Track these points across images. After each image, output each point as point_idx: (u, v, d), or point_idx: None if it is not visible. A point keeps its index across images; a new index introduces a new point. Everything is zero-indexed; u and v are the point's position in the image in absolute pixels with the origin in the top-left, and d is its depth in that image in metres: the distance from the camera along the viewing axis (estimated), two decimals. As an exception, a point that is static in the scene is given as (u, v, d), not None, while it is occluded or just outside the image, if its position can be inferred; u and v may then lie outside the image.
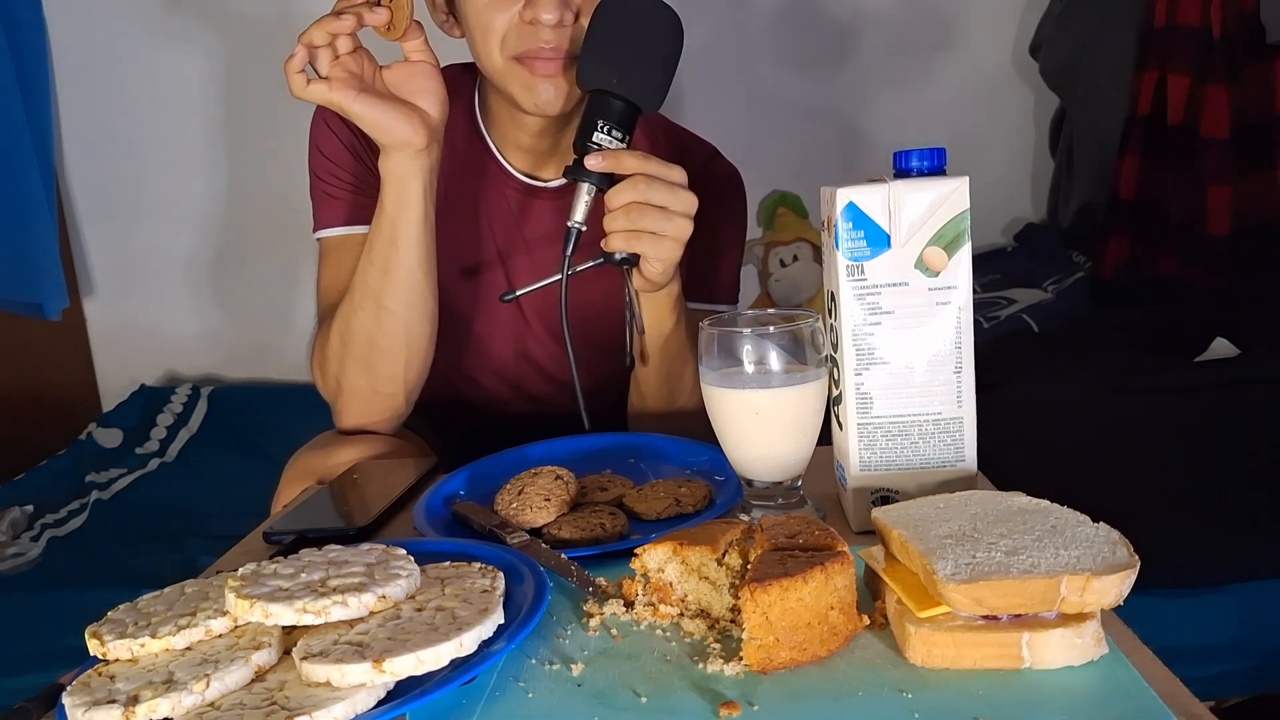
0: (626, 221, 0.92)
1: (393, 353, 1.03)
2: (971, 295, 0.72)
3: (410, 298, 1.01)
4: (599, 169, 0.93)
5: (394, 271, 1.00)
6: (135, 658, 0.57)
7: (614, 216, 0.93)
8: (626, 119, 0.95)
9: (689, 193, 0.94)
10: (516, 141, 1.12)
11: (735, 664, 0.56)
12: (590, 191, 0.95)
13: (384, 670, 0.51)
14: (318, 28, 0.90)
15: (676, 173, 0.93)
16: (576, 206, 0.96)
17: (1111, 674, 0.53)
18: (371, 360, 1.03)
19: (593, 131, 0.94)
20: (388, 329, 1.02)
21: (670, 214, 0.93)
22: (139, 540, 1.69)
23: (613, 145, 0.94)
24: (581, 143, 0.95)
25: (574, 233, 0.97)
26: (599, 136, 0.94)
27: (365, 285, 1.01)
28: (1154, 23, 1.93)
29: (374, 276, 1.00)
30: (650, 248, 0.93)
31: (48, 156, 2.15)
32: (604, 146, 0.94)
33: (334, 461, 1.01)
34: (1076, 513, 0.60)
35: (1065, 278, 2.07)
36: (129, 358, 2.34)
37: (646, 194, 0.92)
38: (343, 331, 1.04)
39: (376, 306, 1.01)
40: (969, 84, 2.29)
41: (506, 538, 0.74)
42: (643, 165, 0.92)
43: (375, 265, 1.00)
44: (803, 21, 2.25)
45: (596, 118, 0.95)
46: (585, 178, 0.94)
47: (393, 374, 1.04)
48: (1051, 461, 1.32)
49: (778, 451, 0.75)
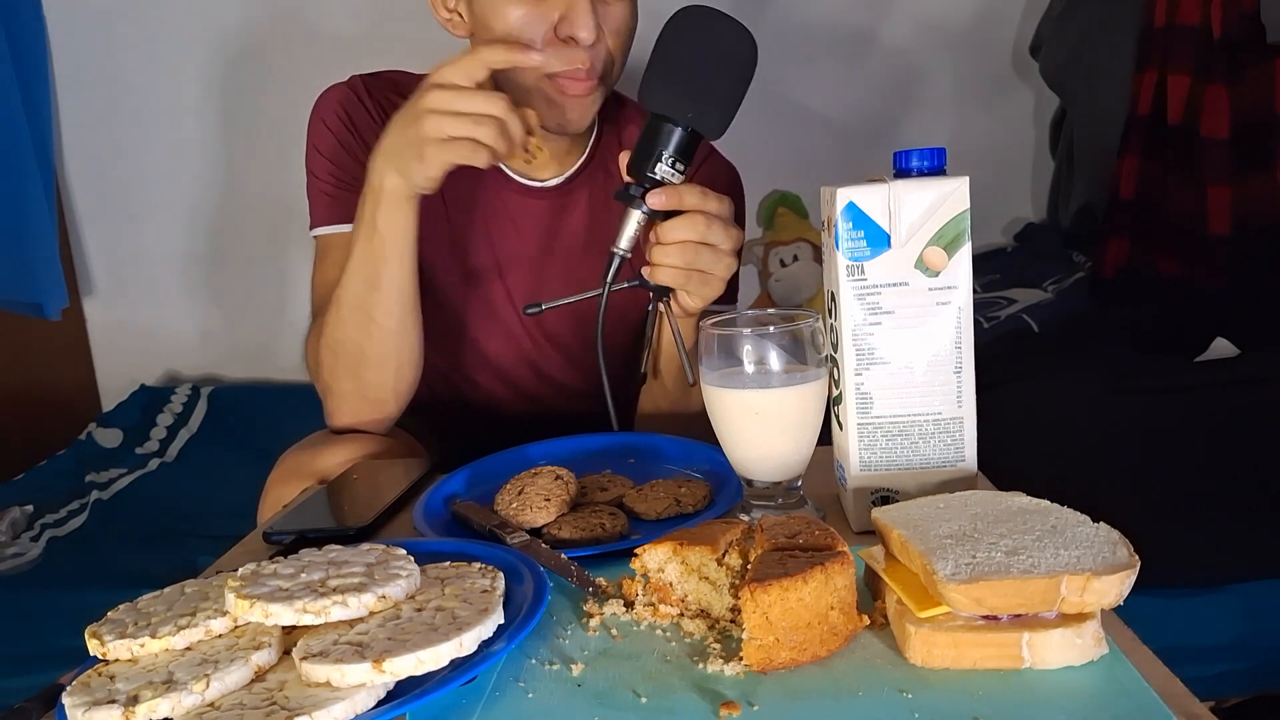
0: (680, 259, 0.90)
1: (382, 364, 1.02)
2: (971, 295, 0.72)
3: (400, 311, 1.00)
4: (663, 207, 0.90)
5: (384, 288, 0.98)
6: (135, 658, 0.57)
7: (666, 251, 0.90)
8: (690, 150, 0.90)
9: (738, 229, 0.92)
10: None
11: (735, 664, 0.56)
12: (641, 221, 0.92)
13: (384, 670, 0.51)
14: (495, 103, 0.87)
15: (728, 207, 0.91)
16: (623, 234, 0.92)
17: (1111, 674, 0.53)
18: (360, 370, 1.03)
19: (655, 162, 0.89)
20: (377, 341, 1.01)
21: (720, 254, 0.91)
22: (139, 540, 1.69)
23: (675, 179, 0.90)
24: (641, 171, 0.90)
25: (617, 259, 0.94)
26: (662, 170, 0.89)
27: (354, 299, 1.00)
28: (1154, 23, 1.93)
29: (363, 291, 0.99)
30: (700, 287, 0.92)
31: (48, 156, 2.15)
32: (665, 180, 0.90)
33: (321, 462, 1.01)
34: (1076, 513, 0.60)
35: (1065, 278, 2.07)
36: (129, 358, 2.34)
37: (705, 234, 0.89)
38: (331, 342, 1.03)
39: (366, 320, 1.00)
40: (969, 84, 2.29)
41: (506, 538, 0.74)
42: (702, 203, 0.90)
43: (364, 280, 0.98)
44: (803, 22, 2.25)
45: (659, 148, 0.89)
46: (638, 205, 0.91)
47: (381, 382, 1.04)
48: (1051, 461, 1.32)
49: (778, 451, 0.75)
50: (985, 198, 0.79)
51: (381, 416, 1.07)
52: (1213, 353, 1.61)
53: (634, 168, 0.91)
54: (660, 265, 0.91)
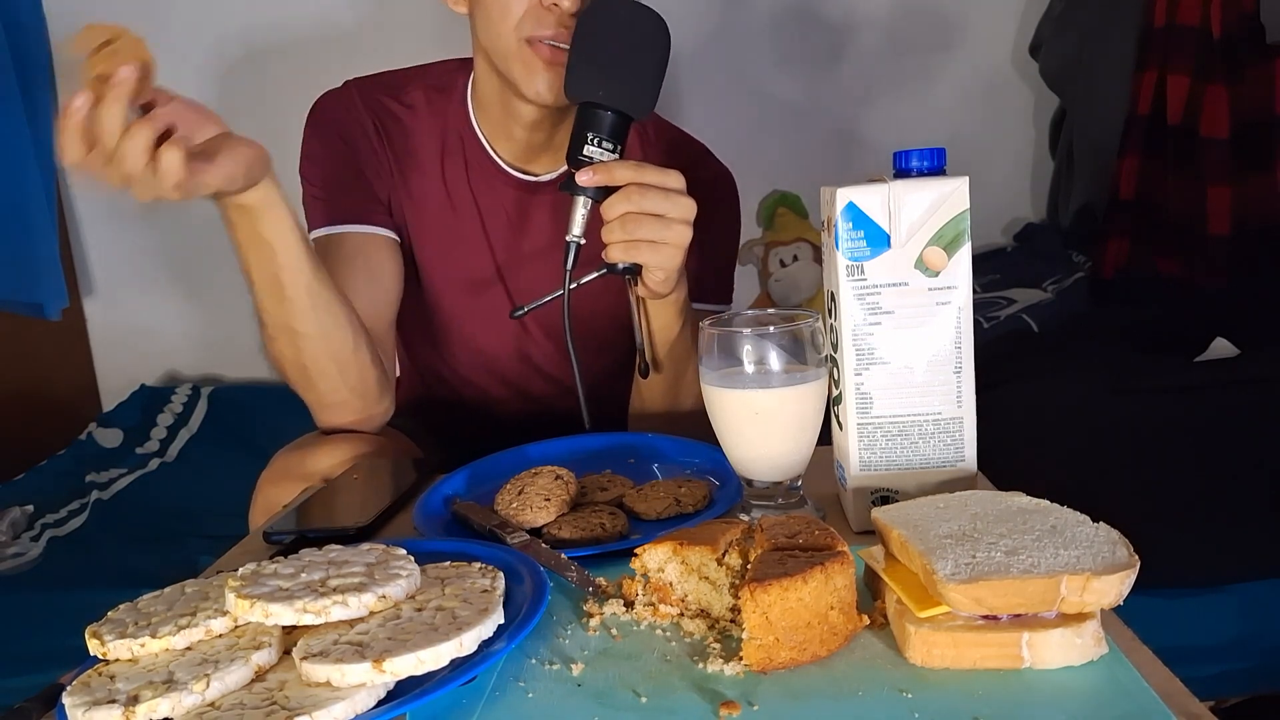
0: (623, 233, 0.91)
1: (323, 370, 1.00)
2: (971, 295, 0.72)
3: (317, 313, 0.96)
4: (591, 184, 0.92)
5: (292, 295, 0.94)
6: (135, 658, 0.57)
7: (611, 228, 0.92)
8: (617, 129, 0.94)
9: (687, 198, 0.92)
10: (509, 136, 1.12)
11: (735, 664, 0.56)
12: (586, 205, 0.94)
13: (384, 670, 0.51)
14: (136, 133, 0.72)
15: (673, 178, 0.92)
16: (574, 221, 0.94)
17: (1111, 674, 0.53)
18: (308, 380, 1.01)
19: (583, 145, 0.93)
20: (309, 352, 0.98)
21: (668, 221, 0.92)
22: (139, 540, 1.69)
23: (605, 157, 0.93)
24: (573, 156, 0.94)
25: (573, 247, 0.95)
26: (590, 150, 0.93)
27: (270, 317, 0.96)
28: (1154, 23, 1.93)
29: (273, 306, 0.95)
30: (650, 256, 0.92)
31: (48, 157, 2.14)
32: (595, 159, 0.93)
33: (312, 463, 1.00)
34: (1076, 513, 0.60)
35: (1065, 278, 2.07)
36: (129, 358, 2.34)
37: (641, 203, 0.91)
38: (273, 361, 1.02)
39: (290, 333, 0.97)
40: (969, 84, 2.29)
41: (506, 538, 0.74)
42: (636, 174, 0.91)
43: (271, 296, 0.94)
44: (803, 21, 2.25)
45: (586, 130, 0.93)
46: (580, 191, 0.93)
47: (332, 386, 1.02)
48: (1051, 461, 1.32)
49: (778, 451, 0.75)
50: (985, 198, 0.79)
51: (357, 416, 1.06)
52: (1213, 353, 1.61)
53: (568, 157, 0.94)
54: (609, 243, 0.93)
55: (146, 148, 0.73)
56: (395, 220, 1.14)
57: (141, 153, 0.73)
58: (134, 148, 0.72)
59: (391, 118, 1.14)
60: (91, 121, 0.72)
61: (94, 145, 0.73)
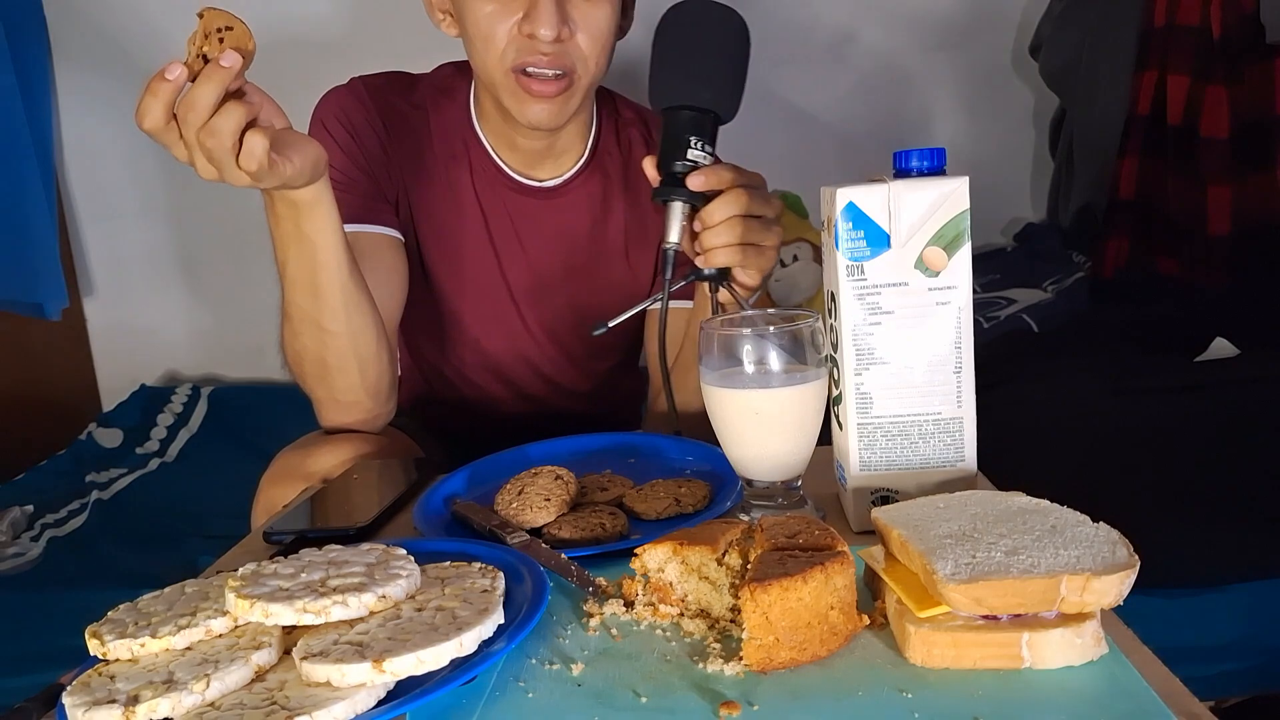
0: (730, 236, 0.90)
1: (345, 368, 1.01)
2: (971, 295, 0.72)
3: (348, 313, 0.98)
4: (703, 188, 0.90)
5: (325, 294, 0.96)
6: (135, 658, 0.57)
7: (716, 232, 0.90)
8: (713, 132, 0.92)
9: (777, 200, 0.93)
10: (510, 142, 1.12)
11: (735, 664, 0.56)
12: (685, 212, 0.91)
13: (384, 670, 0.51)
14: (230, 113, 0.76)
15: (761, 178, 0.92)
16: (671, 227, 0.92)
17: (1111, 674, 0.53)
18: (326, 377, 1.02)
19: (686, 149, 0.90)
20: (334, 349, 0.99)
21: (768, 223, 0.91)
22: (139, 540, 1.69)
23: (707, 160, 0.91)
24: (673, 162, 0.91)
25: (671, 254, 0.93)
26: (694, 154, 0.90)
27: (300, 312, 0.98)
28: (1154, 23, 1.93)
29: (306, 302, 0.97)
30: (755, 259, 0.91)
31: (48, 156, 2.15)
32: (700, 163, 0.91)
33: (314, 463, 1.00)
34: (1076, 513, 0.60)
35: (1065, 278, 2.07)
36: (129, 358, 2.34)
37: (749, 206, 0.89)
38: (293, 353, 1.02)
39: (318, 329, 0.98)
40: (969, 84, 2.29)
41: (506, 538, 0.74)
42: (739, 178, 0.90)
43: (305, 292, 0.96)
44: (803, 21, 2.25)
45: (686, 134, 0.90)
46: (680, 196, 0.90)
47: (350, 385, 1.02)
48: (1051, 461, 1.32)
49: (778, 451, 0.75)
50: (985, 198, 0.79)
51: (365, 416, 1.06)
52: (1213, 353, 1.61)
53: (663, 164, 0.92)
54: (713, 248, 0.91)
55: (236, 129, 0.76)
56: (402, 220, 1.14)
57: (231, 132, 0.76)
58: (225, 126, 0.76)
59: (399, 117, 1.14)
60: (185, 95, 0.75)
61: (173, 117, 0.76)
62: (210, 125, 0.75)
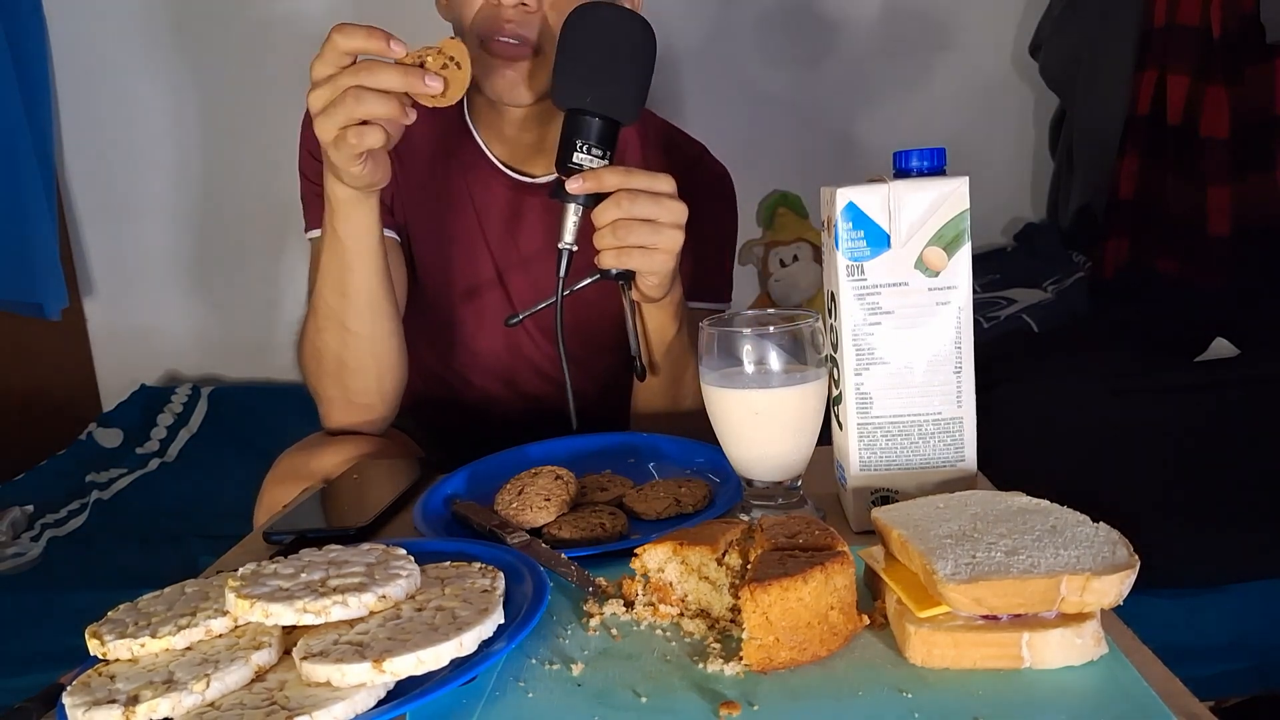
0: (614, 239, 0.91)
1: (363, 369, 1.02)
2: (971, 295, 0.72)
3: (373, 316, 0.99)
4: (580, 191, 0.91)
5: (352, 294, 0.97)
6: (135, 658, 0.57)
7: (601, 235, 0.92)
8: (606, 135, 0.92)
9: (678, 202, 0.92)
10: (501, 135, 1.12)
11: (735, 664, 0.56)
12: (577, 211, 0.93)
13: (384, 670, 0.51)
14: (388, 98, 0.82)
15: (663, 182, 0.91)
16: (565, 228, 0.94)
17: (1111, 674, 0.53)
18: (342, 376, 1.03)
19: (572, 152, 0.92)
20: (354, 349, 1.00)
21: (658, 226, 0.91)
22: (139, 540, 1.69)
23: (594, 164, 0.92)
24: (562, 164, 0.93)
25: (565, 254, 0.95)
26: (579, 157, 0.92)
27: (327, 308, 0.99)
28: (1154, 23, 1.93)
29: (334, 300, 0.98)
30: (641, 262, 0.92)
31: (48, 157, 2.15)
32: (584, 167, 0.92)
33: (317, 464, 1.01)
34: (1076, 513, 0.60)
35: (1065, 278, 2.07)
36: (129, 358, 2.34)
37: (631, 209, 0.90)
38: (312, 350, 1.03)
39: (341, 328, 0.99)
40: (969, 84, 2.29)
41: (506, 538, 0.74)
42: (625, 180, 0.90)
43: (334, 289, 0.98)
44: (803, 21, 2.25)
45: (574, 137, 0.92)
46: (570, 198, 0.93)
47: (365, 387, 1.03)
48: (1051, 461, 1.32)
49: (778, 451, 0.75)
50: (985, 198, 0.79)
51: (372, 419, 1.07)
52: (1213, 353, 1.61)
53: (557, 164, 0.94)
54: (600, 250, 0.93)
55: (375, 115, 0.82)
56: (396, 220, 1.14)
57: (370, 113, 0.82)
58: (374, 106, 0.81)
59: None
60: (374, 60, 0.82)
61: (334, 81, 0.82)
62: (365, 93, 0.80)
